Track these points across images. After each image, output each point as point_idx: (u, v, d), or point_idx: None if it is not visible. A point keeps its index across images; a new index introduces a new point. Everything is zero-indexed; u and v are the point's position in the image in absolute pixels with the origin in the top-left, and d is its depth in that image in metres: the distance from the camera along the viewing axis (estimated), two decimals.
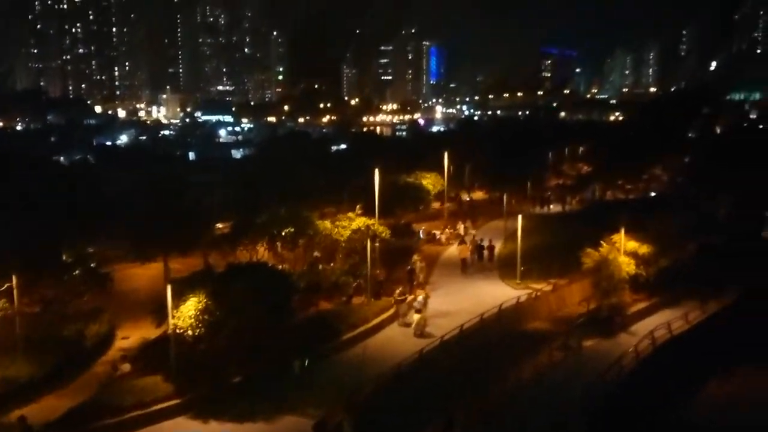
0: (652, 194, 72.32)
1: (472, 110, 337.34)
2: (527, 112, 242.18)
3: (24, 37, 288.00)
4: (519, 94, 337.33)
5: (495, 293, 38.53)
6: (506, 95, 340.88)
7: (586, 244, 36.59)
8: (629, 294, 36.73)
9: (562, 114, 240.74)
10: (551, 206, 71.11)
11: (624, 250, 36.45)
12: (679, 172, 73.61)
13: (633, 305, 36.76)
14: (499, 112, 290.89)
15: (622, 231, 36.72)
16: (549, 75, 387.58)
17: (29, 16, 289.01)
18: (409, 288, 37.43)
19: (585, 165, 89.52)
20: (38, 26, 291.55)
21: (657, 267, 38.39)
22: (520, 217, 41.21)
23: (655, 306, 37.33)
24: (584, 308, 35.95)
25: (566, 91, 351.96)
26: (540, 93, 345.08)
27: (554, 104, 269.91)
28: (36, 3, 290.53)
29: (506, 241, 50.25)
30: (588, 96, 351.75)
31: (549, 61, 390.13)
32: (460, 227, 54.18)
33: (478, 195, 74.46)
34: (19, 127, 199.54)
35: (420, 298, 33.96)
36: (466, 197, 71.30)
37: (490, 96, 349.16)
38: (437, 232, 53.15)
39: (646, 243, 37.71)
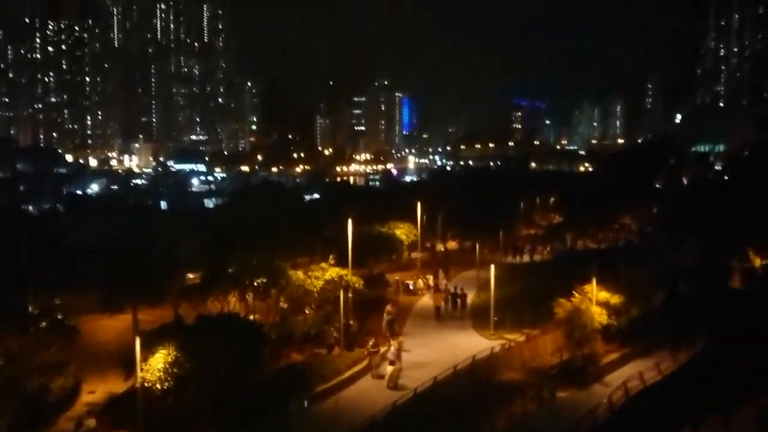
0: (622, 243, 73.31)
1: (444, 160, 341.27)
2: (498, 162, 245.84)
3: None
4: (490, 144, 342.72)
5: (468, 343, 38.39)
6: (478, 146, 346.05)
7: (559, 294, 36.77)
8: (601, 344, 36.83)
9: (533, 164, 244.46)
10: (523, 256, 71.64)
11: (596, 300, 36.68)
12: (647, 221, 74.87)
13: (605, 355, 36.82)
14: (471, 162, 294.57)
15: (594, 281, 37.01)
16: (519, 126, 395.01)
17: (1, 65, 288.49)
18: (384, 339, 37.17)
19: (556, 215, 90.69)
20: (10, 75, 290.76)
21: (628, 316, 38.66)
22: (492, 266, 41.39)
23: (627, 356, 37.43)
24: (557, 359, 35.94)
25: (536, 142, 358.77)
26: (511, 144, 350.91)
27: (525, 154, 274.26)
28: (9, 52, 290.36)
29: (479, 291, 50.35)
30: (557, 147, 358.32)
31: (519, 113, 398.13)
32: (432, 278, 54.20)
33: (451, 245, 74.78)
34: None
35: (393, 349, 33.71)
36: (439, 247, 71.55)
37: (461, 146, 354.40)
38: (410, 282, 53.11)
39: (617, 293, 38.01)
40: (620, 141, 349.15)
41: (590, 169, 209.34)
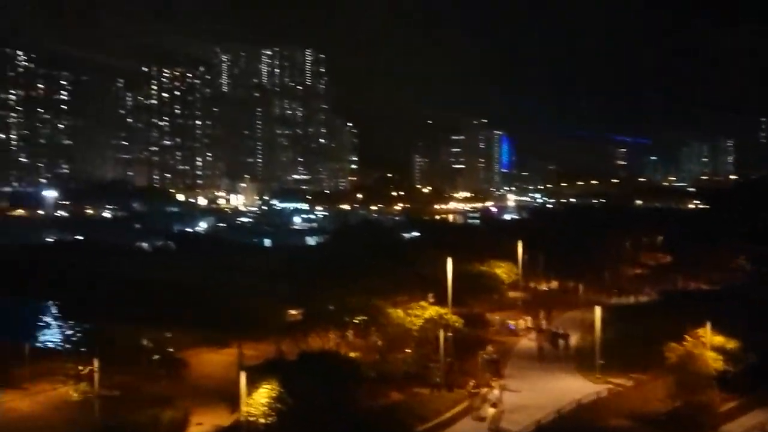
0: (737, 285, 69.27)
1: (544, 198, 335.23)
2: (602, 200, 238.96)
3: (114, 130, 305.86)
4: (593, 181, 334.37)
5: (572, 387, 37.11)
6: (579, 183, 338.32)
7: (668, 338, 35.05)
8: (717, 392, 34.70)
9: (638, 201, 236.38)
10: (629, 296, 68.88)
11: (710, 345, 34.70)
12: (764, 261, 70.56)
13: (721, 404, 34.64)
14: (572, 199, 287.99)
15: (708, 325, 35.07)
16: (623, 162, 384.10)
17: (121, 111, 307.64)
18: (485, 380, 36.47)
19: (664, 254, 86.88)
20: (128, 120, 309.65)
21: (746, 363, 36.30)
22: (597, 307, 40.02)
23: (746, 405, 35.04)
24: (668, 406, 34.08)
25: (641, 179, 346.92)
26: (614, 180, 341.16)
27: (629, 192, 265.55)
28: (128, 98, 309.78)
29: (583, 332, 48.69)
30: (664, 183, 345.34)
31: (622, 149, 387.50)
32: (529, 319, 52.81)
33: (553, 284, 72.92)
34: (107, 215, 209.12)
35: (495, 391, 33.00)
36: (540, 287, 69.91)
37: (562, 183, 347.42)
38: (512, 322, 52.03)
39: (734, 337, 35.84)
40: (732, 177, 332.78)
41: (700, 206, 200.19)
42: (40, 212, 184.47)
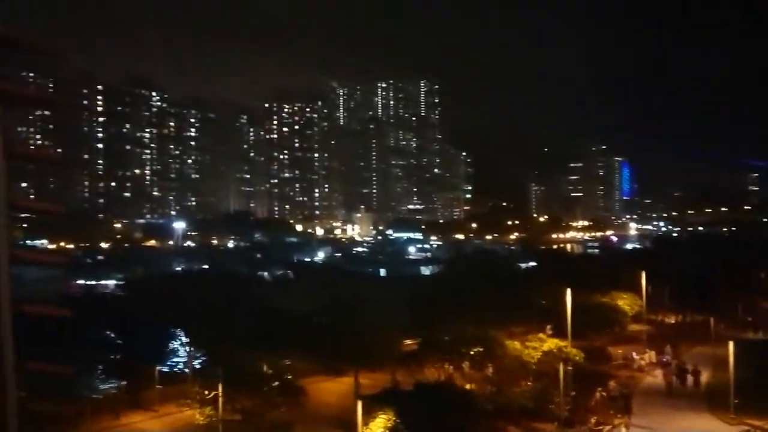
0: None
1: (669, 226, 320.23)
2: (732, 228, 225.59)
3: (238, 164, 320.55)
4: (722, 208, 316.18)
5: (704, 427, 34.85)
6: (707, 210, 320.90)
7: None
8: None
9: None
10: (766, 332, 64.11)
11: None
12: None
13: None
14: (700, 228, 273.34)
15: None
16: (756, 188, 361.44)
17: (244, 146, 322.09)
18: (607, 416, 34.90)
19: None
20: (251, 154, 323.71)
21: None
22: (731, 343, 37.50)
23: None
24: None
25: None
26: (747, 208, 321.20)
27: (764, 219, 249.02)
28: (250, 134, 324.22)
29: (715, 369, 45.68)
30: None
31: (755, 174, 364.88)
32: (654, 353, 50.08)
33: (680, 317, 69.08)
34: (230, 245, 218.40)
35: (623, 429, 31.48)
36: (666, 320, 66.44)
37: (689, 211, 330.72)
38: (636, 357, 49.61)
39: None
40: None
41: None
42: (170, 242, 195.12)
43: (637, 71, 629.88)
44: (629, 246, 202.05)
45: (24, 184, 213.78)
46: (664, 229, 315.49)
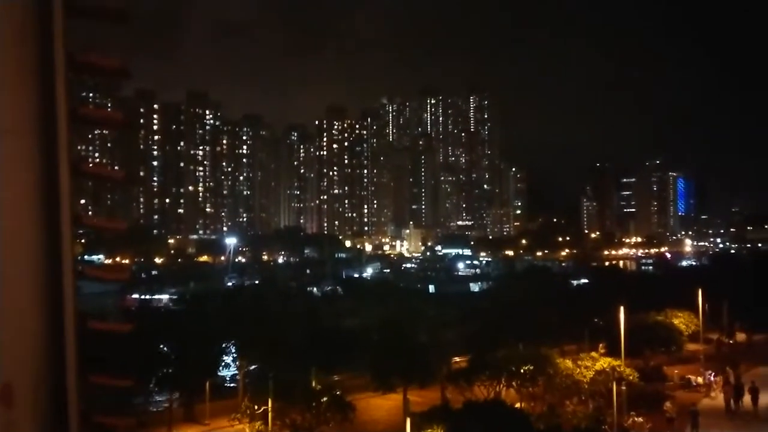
0: None
1: (727, 243, 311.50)
2: None
3: (289, 180, 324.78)
4: None
5: None
6: (767, 227, 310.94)
7: None
8: None
9: None
10: None
11: None
12: None
13: None
14: (759, 245, 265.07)
15: None
16: None
17: (295, 162, 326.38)
18: None
19: None
20: (301, 170, 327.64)
21: None
22: None
23: None
24: None
25: None
26: None
27: None
28: (301, 151, 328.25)
29: None
30: None
31: None
32: (712, 373, 48.51)
33: (740, 337, 66.95)
34: (281, 260, 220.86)
35: None
36: (725, 339, 64.47)
37: (748, 227, 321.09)
38: (693, 378, 48.20)
39: None
40: None
41: None
42: (222, 258, 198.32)
43: (693, 83, 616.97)
44: (685, 263, 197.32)
45: (82, 201, 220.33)
46: (721, 245, 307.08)
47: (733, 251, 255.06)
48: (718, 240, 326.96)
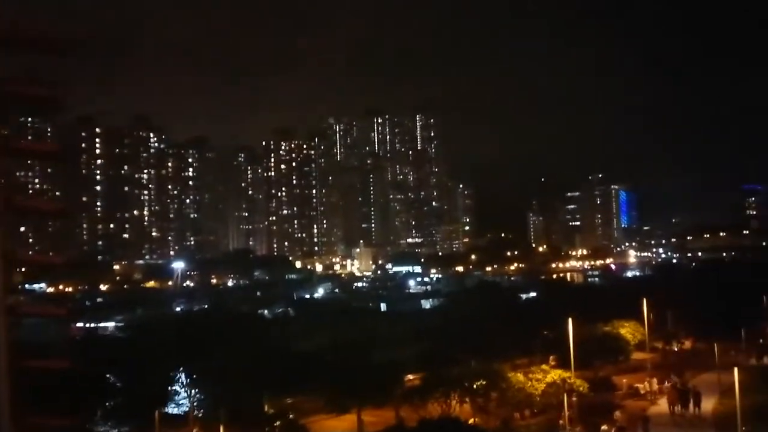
0: None
1: (669, 253, 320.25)
2: (732, 254, 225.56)
3: (237, 202, 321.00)
4: (722, 234, 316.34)
5: None
6: (706, 236, 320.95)
7: None
8: None
9: None
10: None
11: None
12: None
13: None
14: (699, 254, 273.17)
15: None
16: (755, 213, 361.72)
17: (242, 184, 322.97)
18: None
19: None
20: (249, 192, 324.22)
21: None
22: (736, 369, 37.21)
23: None
24: None
25: None
26: (746, 232, 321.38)
27: (764, 243, 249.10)
28: (248, 172, 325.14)
29: (722, 397, 45.26)
30: None
31: (753, 198, 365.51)
32: (656, 381, 49.62)
33: (685, 345, 68.66)
34: (230, 283, 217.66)
35: None
36: (670, 347, 66.05)
37: (688, 237, 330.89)
38: (640, 386, 49.21)
39: None
40: None
41: None
42: (170, 283, 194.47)
43: (632, 96, 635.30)
44: (630, 274, 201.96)
45: (22, 228, 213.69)
46: (664, 255, 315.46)
47: (675, 261, 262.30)
48: (660, 250, 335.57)
